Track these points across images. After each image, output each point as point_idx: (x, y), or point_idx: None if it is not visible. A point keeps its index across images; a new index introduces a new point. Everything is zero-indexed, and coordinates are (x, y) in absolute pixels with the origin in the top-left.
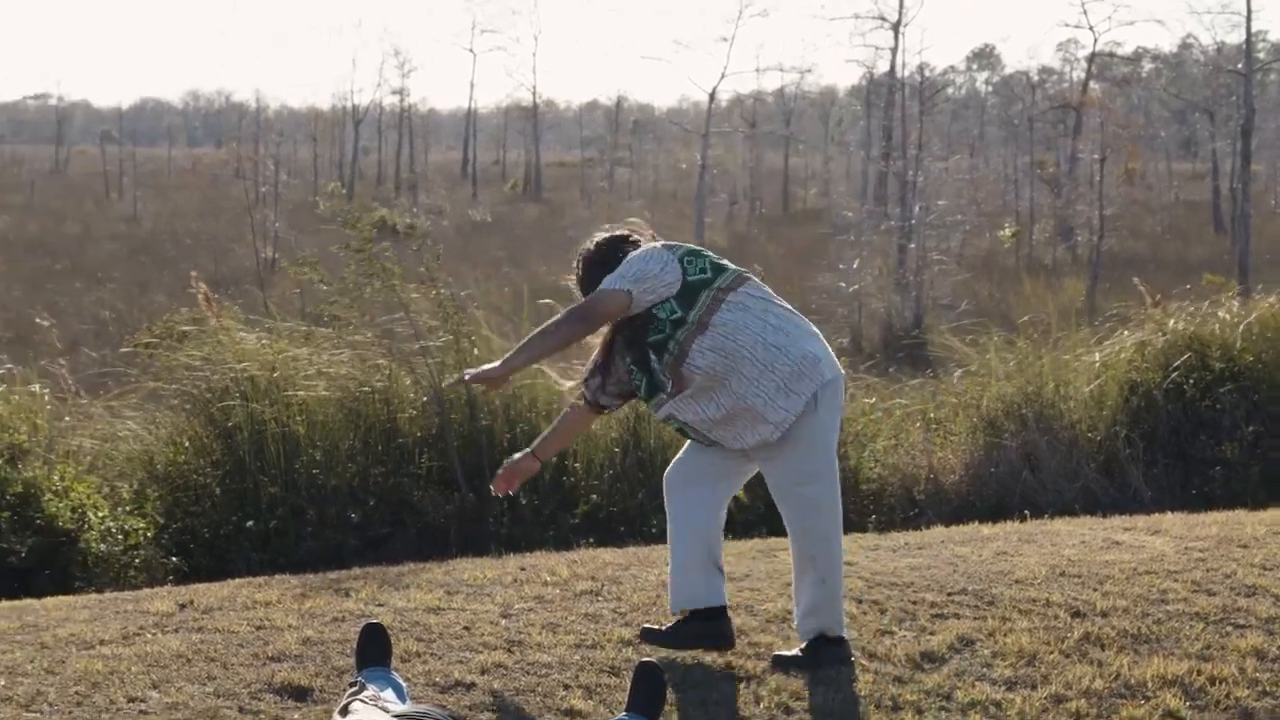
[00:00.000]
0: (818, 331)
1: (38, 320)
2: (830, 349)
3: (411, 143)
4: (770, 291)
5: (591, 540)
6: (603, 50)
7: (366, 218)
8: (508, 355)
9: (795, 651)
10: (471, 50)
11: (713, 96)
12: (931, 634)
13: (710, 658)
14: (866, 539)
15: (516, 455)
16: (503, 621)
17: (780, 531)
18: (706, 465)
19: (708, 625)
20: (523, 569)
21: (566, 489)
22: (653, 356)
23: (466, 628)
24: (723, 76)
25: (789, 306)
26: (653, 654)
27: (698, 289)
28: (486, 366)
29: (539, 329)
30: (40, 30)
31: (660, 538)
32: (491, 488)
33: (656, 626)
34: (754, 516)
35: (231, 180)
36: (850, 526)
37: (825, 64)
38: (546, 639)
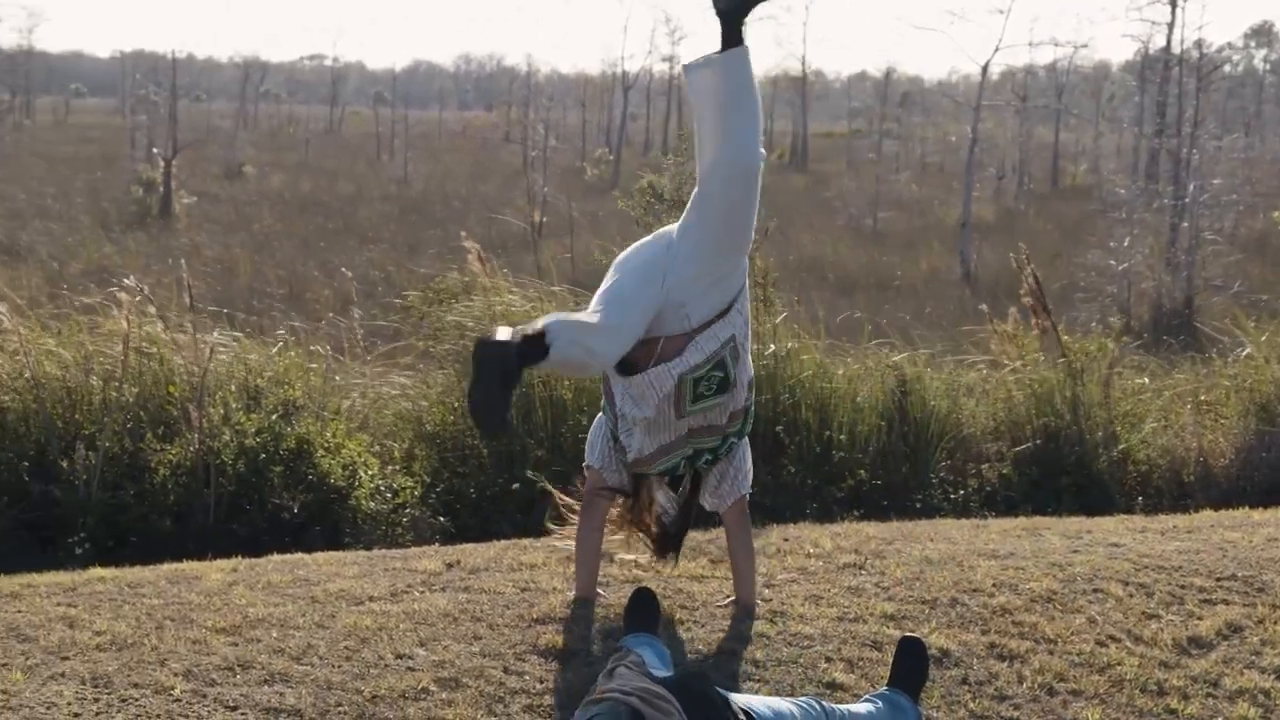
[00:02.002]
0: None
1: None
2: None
3: (680, 110)
4: None
5: (855, 513)
6: (873, 20)
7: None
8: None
9: None
10: None
11: (985, 69)
12: (1199, 619)
13: (971, 635)
14: (1134, 521)
15: None
16: (765, 591)
17: (1044, 510)
18: None
19: None
20: (785, 540)
21: (833, 463)
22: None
23: (730, 596)
24: (997, 49)
25: None
26: (916, 630)
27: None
28: None
29: None
30: None
31: (924, 512)
32: None
33: None
34: (1018, 495)
35: (501, 144)
36: (1117, 508)
37: (1099, 38)
38: (809, 610)
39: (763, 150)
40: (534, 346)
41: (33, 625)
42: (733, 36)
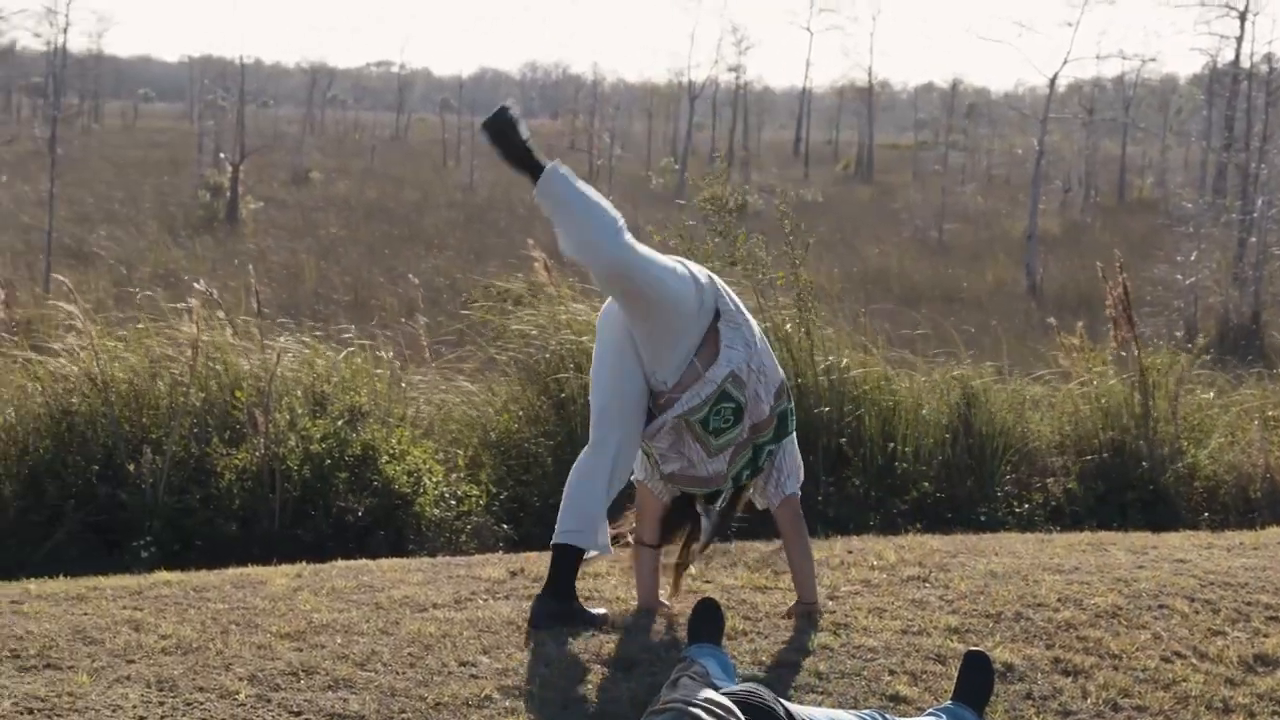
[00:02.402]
0: None
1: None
2: None
3: (746, 120)
4: None
5: (919, 526)
6: (940, 31)
7: (702, 193)
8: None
9: None
10: (809, 29)
11: (1053, 82)
12: (1265, 636)
13: (1035, 650)
14: (1200, 537)
15: None
16: (829, 603)
17: (1109, 525)
18: None
19: None
20: (849, 552)
21: (897, 475)
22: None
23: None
24: (1065, 62)
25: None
26: (980, 644)
27: None
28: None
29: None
30: (387, 1)
31: (988, 526)
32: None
33: None
34: (1083, 509)
35: (567, 152)
36: (1183, 523)
37: (1167, 51)
38: (872, 623)
39: (619, 240)
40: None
41: (99, 628)
42: (531, 171)
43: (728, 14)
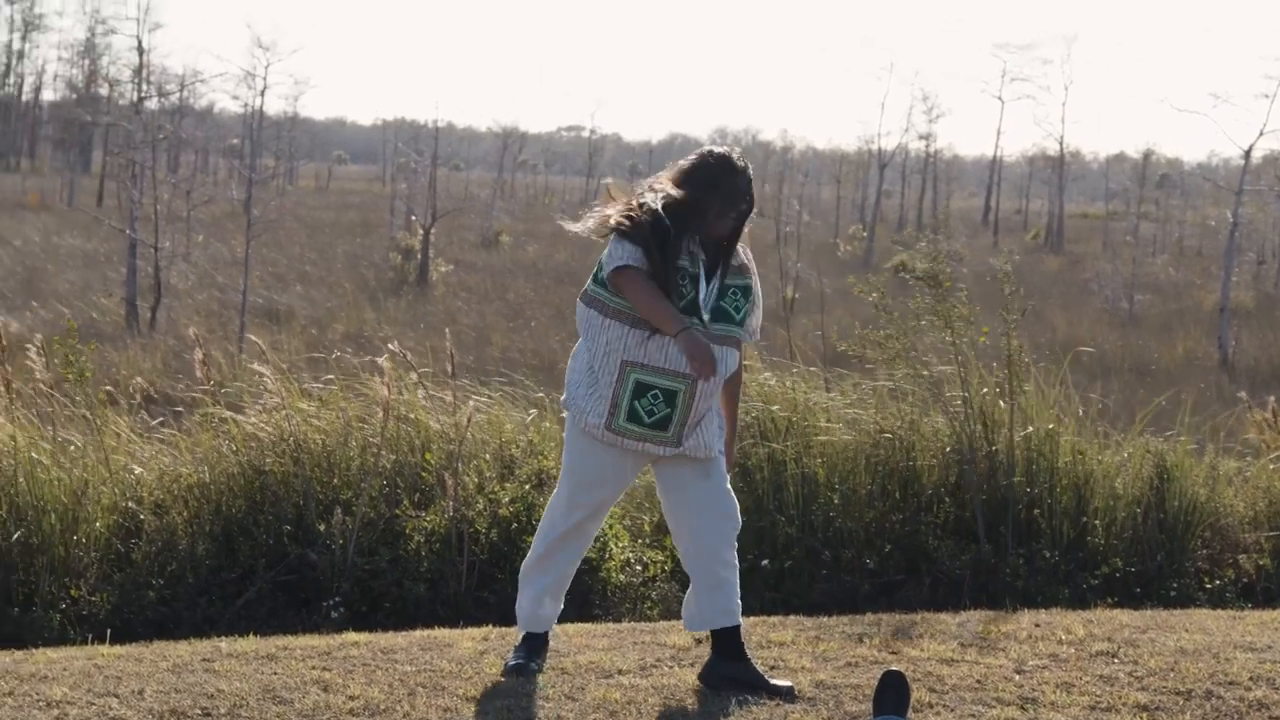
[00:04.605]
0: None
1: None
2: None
3: (935, 188)
4: None
5: (1109, 600)
6: (1133, 101)
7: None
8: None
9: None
10: (1000, 98)
11: (1248, 154)
12: None
13: None
14: None
15: None
16: (1016, 677)
17: None
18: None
19: None
20: (1037, 625)
21: (1088, 548)
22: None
23: (979, 681)
24: (1260, 134)
25: None
26: None
27: None
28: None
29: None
30: (580, 66)
31: (1178, 601)
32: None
33: None
34: (1275, 587)
35: (755, 219)
36: None
37: None
38: (1060, 698)
39: None
40: None
41: (288, 688)
42: None
43: (919, 82)
